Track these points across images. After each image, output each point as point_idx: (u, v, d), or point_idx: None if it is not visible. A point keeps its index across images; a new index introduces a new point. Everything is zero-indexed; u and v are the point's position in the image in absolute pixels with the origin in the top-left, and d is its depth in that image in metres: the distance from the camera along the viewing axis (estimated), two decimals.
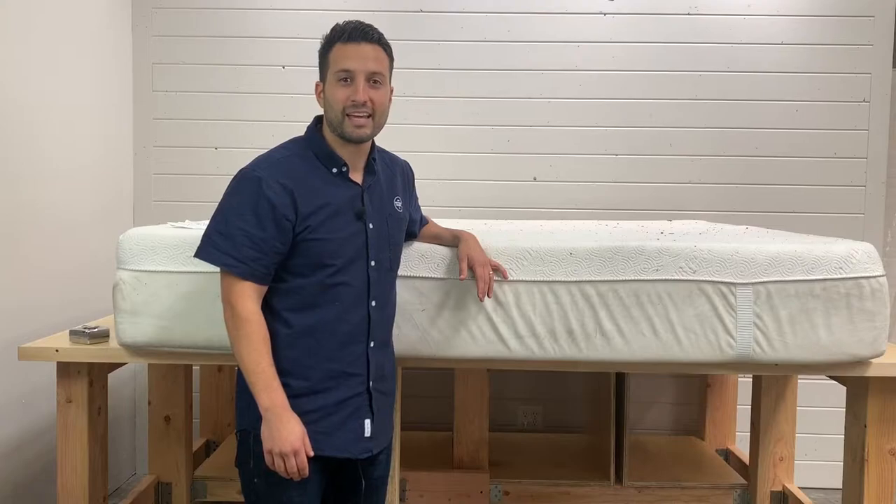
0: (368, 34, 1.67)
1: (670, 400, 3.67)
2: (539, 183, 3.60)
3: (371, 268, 1.73)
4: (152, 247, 2.10)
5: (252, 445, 1.69)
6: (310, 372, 1.69)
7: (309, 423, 1.67)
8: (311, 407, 1.68)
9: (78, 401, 2.20)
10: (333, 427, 1.70)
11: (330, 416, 1.70)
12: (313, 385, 1.69)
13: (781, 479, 2.92)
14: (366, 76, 1.66)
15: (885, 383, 2.20)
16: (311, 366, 1.69)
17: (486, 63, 3.57)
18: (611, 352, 2.09)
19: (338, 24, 1.70)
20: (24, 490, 2.74)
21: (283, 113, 3.55)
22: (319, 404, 1.69)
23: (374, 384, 1.75)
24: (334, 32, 1.69)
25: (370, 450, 1.75)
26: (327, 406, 1.70)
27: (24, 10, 2.71)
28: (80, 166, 3.12)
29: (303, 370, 1.69)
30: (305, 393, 1.69)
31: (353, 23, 1.69)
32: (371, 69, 1.66)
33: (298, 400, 1.68)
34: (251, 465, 1.70)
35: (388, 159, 1.90)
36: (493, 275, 1.99)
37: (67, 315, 2.92)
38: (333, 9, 3.53)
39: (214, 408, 3.38)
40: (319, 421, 1.69)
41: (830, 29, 3.52)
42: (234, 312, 1.63)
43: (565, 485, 2.94)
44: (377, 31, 1.70)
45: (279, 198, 1.63)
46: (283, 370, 1.67)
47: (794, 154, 3.56)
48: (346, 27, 1.68)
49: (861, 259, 2.08)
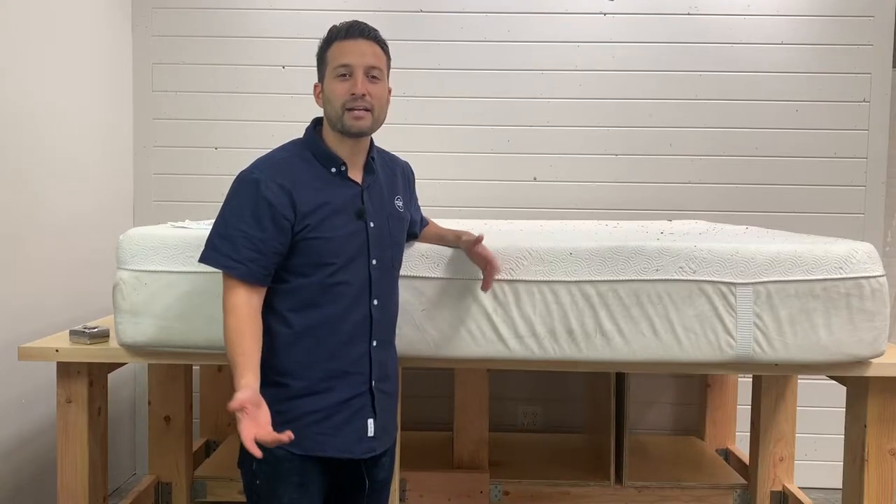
0: (365, 31, 1.70)
1: (670, 400, 3.67)
2: (539, 183, 3.60)
3: (373, 266, 1.73)
4: (152, 247, 2.10)
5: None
6: (310, 372, 1.69)
7: (311, 423, 1.67)
8: (312, 408, 1.69)
9: (78, 401, 2.20)
10: (336, 428, 1.70)
11: (332, 416, 1.70)
12: (314, 385, 1.69)
13: (781, 479, 2.92)
14: (364, 70, 1.68)
15: (885, 383, 2.20)
16: (311, 365, 1.69)
17: (486, 63, 3.57)
18: (611, 352, 2.09)
19: (335, 25, 1.73)
20: (24, 490, 2.73)
21: (283, 113, 3.55)
22: (321, 405, 1.69)
23: (376, 383, 1.75)
24: (332, 32, 1.72)
25: (373, 449, 1.75)
26: (329, 406, 1.69)
27: (24, 10, 2.71)
28: (80, 166, 3.12)
29: (303, 370, 1.69)
30: (307, 393, 1.69)
31: (350, 21, 1.71)
32: (369, 63, 1.68)
33: (300, 401, 1.68)
34: (253, 467, 1.70)
35: (389, 159, 1.91)
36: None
37: (67, 315, 2.93)
38: (333, 9, 3.53)
39: (214, 408, 3.38)
40: (322, 422, 1.69)
41: (830, 29, 3.52)
42: (228, 308, 1.64)
43: (565, 485, 2.94)
44: (374, 29, 1.73)
45: (277, 198, 1.63)
46: (284, 370, 1.68)
47: (794, 154, 3.56)
48: (342, 26, 1.71)
49: (861, 259, 2.08)
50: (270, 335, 1.69)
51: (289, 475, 1.68)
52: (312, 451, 1.68)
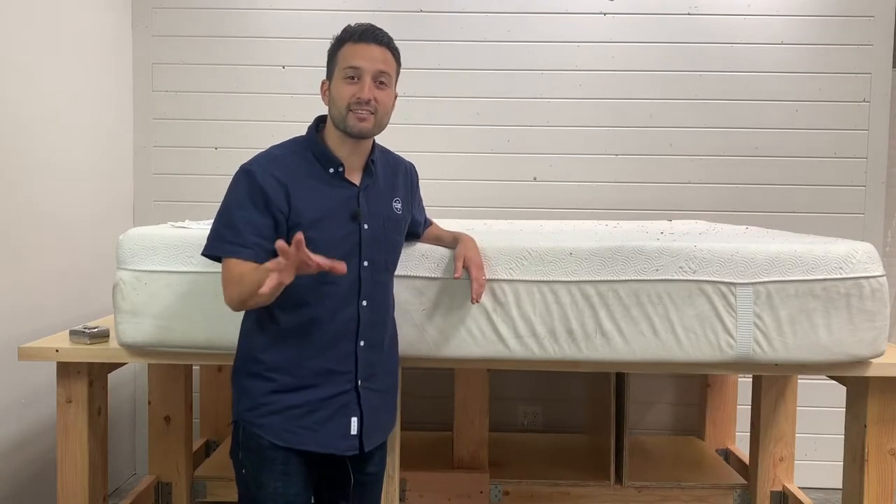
0: (379, 37, 1.72)
1: (670, 400, 3.66)
2: (539, 183, 3.60)
3: (363, 268, 1.75)
4: (152, 247, 2.10)
5: (241, 438, 1.74)
6: (297, 369, 1.72)
7: (294, 417, 1.71)
8: (296, 402, 1.72)
9: (78, 401, 2.20)
10: (318, 423, 1.73)
11: (315, 411, 1.72)
12: (299, 381, 1.72)
13: (781, 479, 2.92)
14: (373, 75, 1.69)
15: (885, 383, 2.20)
16: (298, 363, 1.72)
17: (486, 63, 3.57)
18: (611, 352, 2.09)
19: (349, 25, 1.74)
20: (24, 490, 2.74)
21: (283, 113, 3.55)
22: (305, 399, 1.72)
23: (362, 382, 1.77)
24: (346, 33, 1.73)
25: (355, 448, 1.77)
26: (312, 402, 1.72)
27: (24, 10, 2.71)
28: (81, 166, 3.12)
29: (290, 366, 1.72)
30: (293, 388, 1.72)
31: (365, 25, 1.73)
32: (378, 69, 1.70)
33: (285, 395, 1.71)
34: (240, 456, 1.75)
35: (392, 160, 1.91)
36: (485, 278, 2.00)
37: (67, 315, 2.93)
38: (333, 9, 3.53)
39: (214, 408, 3.38)
40: (304, 416, 1.72)
41: (830, 29, 3.52)
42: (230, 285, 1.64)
43: (565, 485, 2.94)
44: (388, 36, 1.74)
45: (273, 190, 1.66)
46: (272, 366, 1.72)
47: (794, 154, 3.56)
48: (357, 28, 1.72)
49: (861, 259, 2.08)
50: (260, 331, 1.73)
51: (273, 464, 1.72)
52: (294, 444, 1.72)
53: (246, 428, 1.73)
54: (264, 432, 1.71)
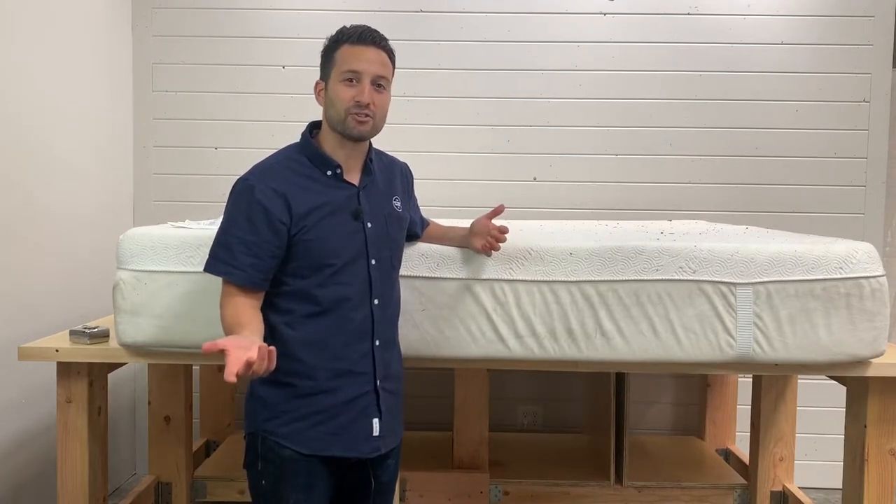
0: (377, 39, 1.71)
1: (670, 400, 3.66)
2: (539, 183, 3.60)
3: (372, 266, 1.74)
4: (152, 247, 2.10)
5: (259, 449, 1.71)
6: (316, 372, 1.70)
7: (317, 423, 1.69)
8: (318, 407, 1.70)
9: (78, 401, 2.20)
10: (342, 427, 1.71)
11: (338, 416, 1.71)
12: (320, 384, 1.70)
13: (781, 479, 2.92)
14: (371, 79, 1.69)
15: (885, 383, 2.20)
16: (316, 366, 1.70)
17: (486, 63, 3.57)
18: (611, 352, 2.09)
19: (345, 27, 1.73)
20: (24, 490, 2.74)
21: (283, 113, 3.55)
22: (327, 404, 1.70)
23: (381, 383, 1.76)
24: (342, 34, 1.72)
25: (379, 449, 1.76)
26: (335, 406, 1.70)
27: (24, 10, 2.71)
28: (80, 166, 3.12)
29: (309, 370, 1.70)
30: (312, 392, 1.70)
31: (362, 27, 1.72)
32: (377, 73, 1.69)
33: (306, 400, 1.69)
34: (258, 468, 1.72)
35: (388, 161, 1.91)
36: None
37: (67, 315, 2.93)
38: (333, 9, 3.53)
39: (214, 408, 3.38)
40: (327, 422, 1.70)
41: (830, 29, 3.52)
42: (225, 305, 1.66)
43: (565, 485, 2.94)
44: (384, 38, 1.73)
45: (272, 203, 1.65)
46: (291, 371, 1.69)
47: (794, 154, 3.56)
48: (354, 30, 1.71)
49: (861, 259, 2.08)
50: (275, 337, 1.70)
51: (294, 476, 1.69)
52: (319, 450, 1.69)
53: (266, 439, 1.69)
54: (289, 442, 1.68)
